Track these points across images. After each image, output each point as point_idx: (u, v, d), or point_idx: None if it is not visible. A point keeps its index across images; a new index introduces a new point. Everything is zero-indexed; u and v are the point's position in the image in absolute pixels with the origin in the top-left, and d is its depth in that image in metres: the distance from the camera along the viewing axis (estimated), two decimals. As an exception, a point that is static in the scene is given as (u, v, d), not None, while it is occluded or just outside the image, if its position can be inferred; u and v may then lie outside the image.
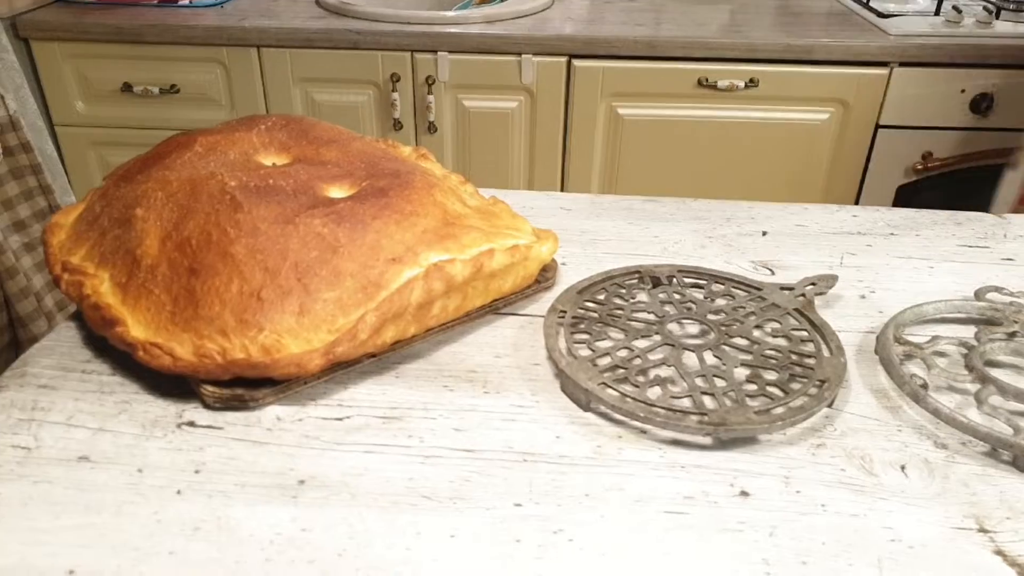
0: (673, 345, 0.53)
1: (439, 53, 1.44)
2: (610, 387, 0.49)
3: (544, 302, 0.61)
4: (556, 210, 0.75)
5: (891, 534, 0.42)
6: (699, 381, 0.50)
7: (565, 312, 0.56)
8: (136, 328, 0.51)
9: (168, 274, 0.52)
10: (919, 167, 1.54)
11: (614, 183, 1.57)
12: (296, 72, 1.48)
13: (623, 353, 0.53)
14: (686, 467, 0.46)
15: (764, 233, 0.72)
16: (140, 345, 0.49)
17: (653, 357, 0.52)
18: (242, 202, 0.52)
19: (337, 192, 0.56)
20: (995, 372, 0.55)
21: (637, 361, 0.52)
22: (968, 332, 0.58)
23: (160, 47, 1.47)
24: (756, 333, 0.55)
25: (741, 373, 0.52)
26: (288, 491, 0.44)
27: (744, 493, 0.44)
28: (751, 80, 1.46)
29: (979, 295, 0.61)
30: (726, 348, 0.53)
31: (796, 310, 0.57)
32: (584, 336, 0.54)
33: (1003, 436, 0.46)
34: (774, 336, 0.55)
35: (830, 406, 0.51)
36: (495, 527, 0.42)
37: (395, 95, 1.47)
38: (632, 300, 0.58)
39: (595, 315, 0.56)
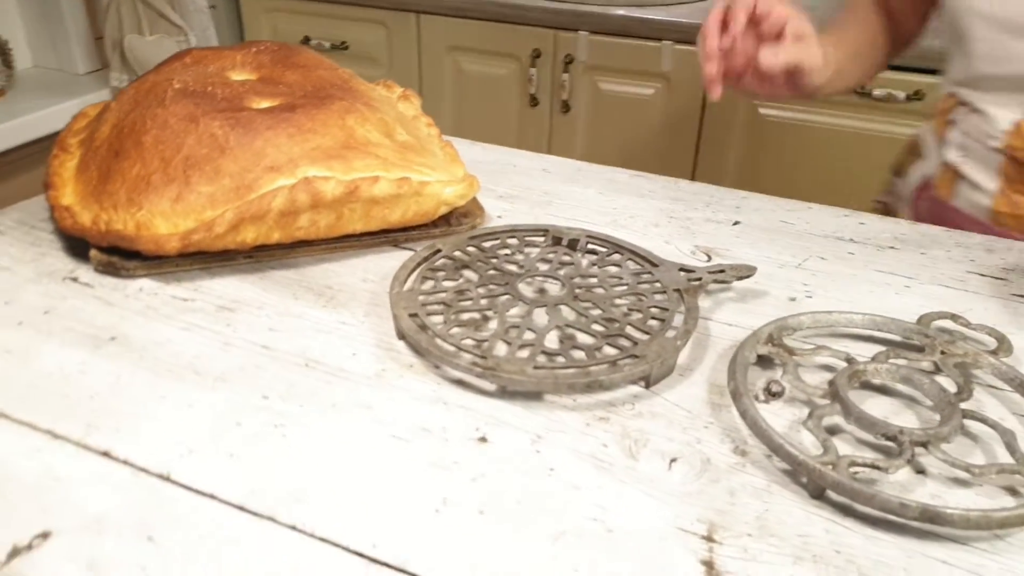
0: (512, 296, 0.51)
1: (579, 32, 1.44)
2: (419, 320, 0.49)
3: (446, 243, 0.61)
4: (535, 171, 0.74)
5: (598, 514, 0.38)
6: (512, 332, 0.48)
7: (439, 251, 0.56)
8: (70, 196, 0.59)
9: (104, 154, 0.59)
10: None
11: (749, 184, 1.46)
12: (447, 40, 1.56)
13: (461, 295, 0.52)
14: (449, 404, 0.45)
15: (736, 223, 0.65)
16: (57, 208, 0.58)
17: (484, 303, 0.51)
18: (166, 99, 0.59)
19: (264, 105, 0.61)
20: (877, 398, 0.46)
21: (468, 304, 0.51)
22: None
23: (336, 6, 1.62)
24: (618, 303, 0.51)
25: (560, 332, 0.49)
26: (97, 342, 0.49)
27: (483, 439, 0.42)
28: (915, 92, 1.29)
29: (923, 319, 0.51)
30: (564, 309, 0.50)
31: (676, 291, 0.52)
32: (437, 273, 0.54)
33: (796, 453, 0.39)
34: (630, 310, 0.51)
35: (647, 387, 0.46)
36: (228, 408, 0.44)
37: (532, 71, 1.50)
38: (516, 254, 0.57)
39: (465, 258, 0.56)
